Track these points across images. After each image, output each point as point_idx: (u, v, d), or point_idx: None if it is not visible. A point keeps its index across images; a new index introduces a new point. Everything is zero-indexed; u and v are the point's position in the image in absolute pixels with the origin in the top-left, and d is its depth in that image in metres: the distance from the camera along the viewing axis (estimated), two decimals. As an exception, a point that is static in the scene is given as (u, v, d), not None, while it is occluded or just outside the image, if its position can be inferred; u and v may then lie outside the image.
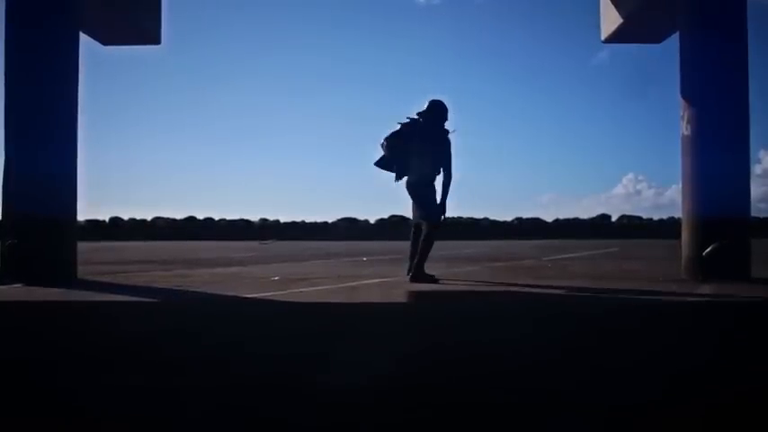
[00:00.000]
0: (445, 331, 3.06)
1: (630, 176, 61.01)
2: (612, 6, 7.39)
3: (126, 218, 41.03)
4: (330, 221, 40.85)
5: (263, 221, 40.60)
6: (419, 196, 5.69)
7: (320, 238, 30.18)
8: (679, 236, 6.18)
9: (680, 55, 6.11)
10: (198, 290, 5.09)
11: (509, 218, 41.23)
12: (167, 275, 6.74)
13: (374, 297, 4.53)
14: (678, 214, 6.50)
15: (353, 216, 41.03)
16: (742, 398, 1.77)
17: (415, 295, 4.65)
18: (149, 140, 57.96)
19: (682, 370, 2.14)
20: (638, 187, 56.65)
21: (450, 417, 1.60)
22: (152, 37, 7.81)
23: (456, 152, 5.66)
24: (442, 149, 5.67)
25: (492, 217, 40.91)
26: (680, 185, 6.13)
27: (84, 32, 6.62)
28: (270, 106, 58.92)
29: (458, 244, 17.67)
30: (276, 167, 58.90)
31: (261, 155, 60.09)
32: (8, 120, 5.84)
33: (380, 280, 5.72)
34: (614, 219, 41.14)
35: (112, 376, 2.08)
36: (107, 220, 40.06)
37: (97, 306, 4.24)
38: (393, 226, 33.77)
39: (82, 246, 6.71)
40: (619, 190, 57.66)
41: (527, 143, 57.22)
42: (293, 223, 40.34)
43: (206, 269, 7.97)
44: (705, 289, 4.84)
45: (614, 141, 56.06)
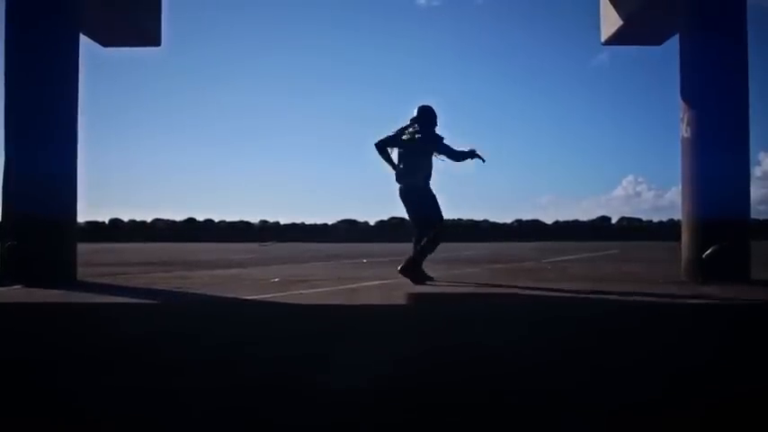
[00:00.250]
0: (445, 333, 3.06)
1: (630, 178, 61.12)
2: (612, 8, 7.40)
3: (126, 219, 41.04)
4: (330, 223, 40.87)
5: (263, 223, 40.59)
6: (416, 200, 5.64)
7: (320, 240, 30.21)
8: (679, 238, 6.19)
9: (680, 57, 6.12)
10: (198, 291, 5.09)
11: (509, 220, 41.25)
12: (167, 277, 6.74)
13: (374, 299, 4.52)
14: (678, 216, 6.52)
15: (353, 218, 41.03)
16: (742, 399, 1.77)
17: (415, 297, 4.65)
18: (149, 142, 58.06)
19: (682, 371, 2.14)
20: (637, 189, 56.72)
21: (450, 417, 1.60)
22: (152, 38, 7.81)
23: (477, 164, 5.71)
24: (433, 152, 5.65)
25: (492, 219, 40.93)
26: (680, 187, 6.14)
27: (84, 34, 6.63)
28: (270, 107, 59.00)
29: (457, 246, 17.67)
30: (276, 169, 58.98)
31: (261, 156, 60.18)
32: (8, 120, 5.85)
33: (380, 282, 5.72)
34: (614, 221, 41.13)
35: (112, 377, 2.08)
36: (107, 222, 40.05)
37: (97, 308, 4.23)
38: (393, 228, 33.77)
39: (82, 247, 6.71)
40: (618, 192, 57.77)
41: (527, 144, 57.31)
42: (293, 225, 40.33)
43: (206, 271, 7.97)
44: (705, 291, 4.84)
45: (614, 143, 56.18)
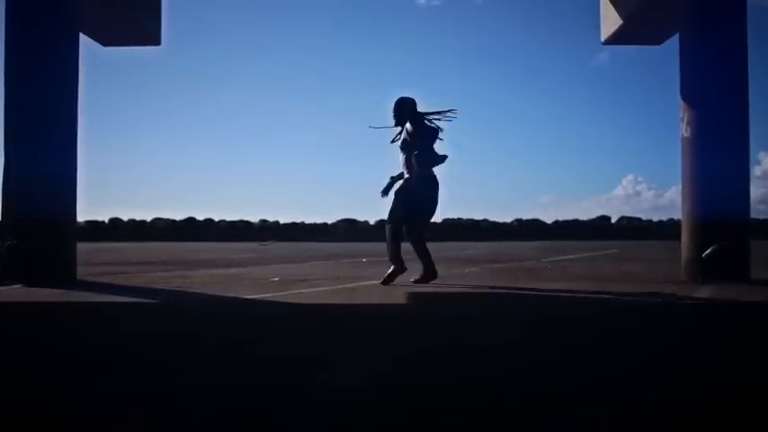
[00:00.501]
0: (445, 333, 3.06)
1: (630, 178, 61.14)
2: (612, 7, 7.40)
3: (126, 219, 41.05)
4: (330, 222, 40.88)
5: (263, 222, 40.61)
6: (416, 195, 5.45)
7: (320, 240, 30.20)
8: (678, 237, 6.19)
9: (680, 56, 6.12)
10: (198, 291, 5.09)
11: (509, 219, 41.27)
12: (167, 276, 6.74)
13: (374, 299, 4.53)
14: (678, 216, 6.52)
15: (353, 217, 41.02)
16: (742, 399, 1.77)
17: (415, 297, 4.65)
18: (149, 141, 58.05)
19: (681, 371, 2.14)
20: (637, 188, 56.76)
21: (449, 417, 1.60)
22: (152, 37, 7.81)
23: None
24: (422, 143, 5.42)
25: (491, 218, 40.95)
26: (680, 187, 6.14)
27: (84, 33, 6.63)
28: (270, 107, 59.00)
29: (457, 245, 17.68)
30: (276, 168, 59.00)
31: (261, 156, 60.17)
32: (8, 120, 5.84)
33: (380, 281, 5.71)
34: (614, 220, 41.17)
35: (112, 377, 2.08)
36: (107, 221, 40.06)
37: (97, 307, 4.24)
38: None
39: (81, 247, 6.71)
40: (618, 191, 57.81)
41: (527, 144, 57.32)
42: (293, 224, 40.34)
43: (206, 270, 7.97)
44: (705, 290, 4.84)
45: (614, 143, 56.19)
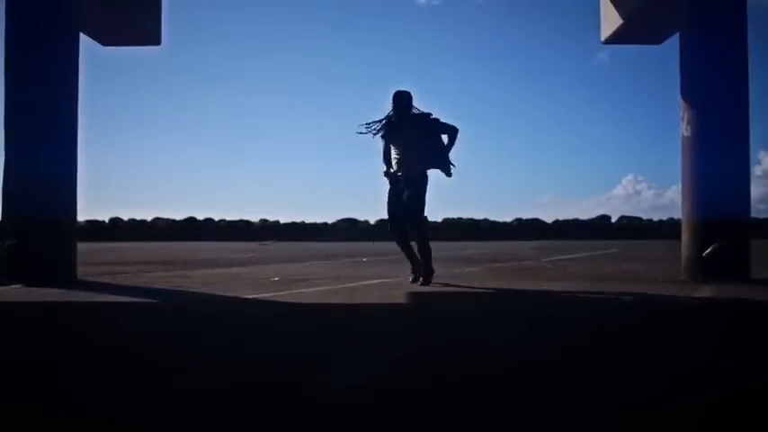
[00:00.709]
0: (445, 332, 3.06)
1: (630, 177, 61.03)
2: (612, 7, 7.40)
3: (126, 218, 40.99)
4: (330, 222, 40.84)
5: (263, 222, 40.58)
6: (414, 191, 5.41)
7: (320, 239, 30.19)
8: (679, 237, 6.18)
9: (680, 56, 6.11)
10: (198, 290, 5.09)
11: (509, 219, 41.19)
12: (167, 276, 6.74)
13: (374, 298, 4.53)
14: (678, 215, 6.51)
15: (353, 217, 40.98)
16: (742, 398, 1.77)
17: (415, 296, 4.65)
18: (149, 141, 57.91)
19: (682, 370, 2.14)
20: (637, 188, 56.71)
21: (448, 416, 1.60)
22: (152, 37, 7.81)
23: (454, 151, 5.48)
24: (428, 136, 5.47)
25: (492, 218, 40.89)
26: (680, 186, 6.14)
27: (84, 33, 6.62)
28: (270, 107, 58.89)
29: (457, 245, 17.68)
30: (276, 168, 58.89)
31: (261, 155, 60.08)
32: (8, 120, 5.84)
33: (380, 281, 5.72)
34: (614, 220, 41.09)
35: (112, 377, 2.08)
36: (107, 221, 40.05)
37: (97, 307, 4.24)
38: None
39: (81, 246, 6.71)
40: (618, 191, 57.74)
41: (527, 144, 57.22)
42: (293, 224, 40.31)
43: (206, 270, 7.97)
44: (705, 290, 4.84)
45: (614, 142, 56.08)
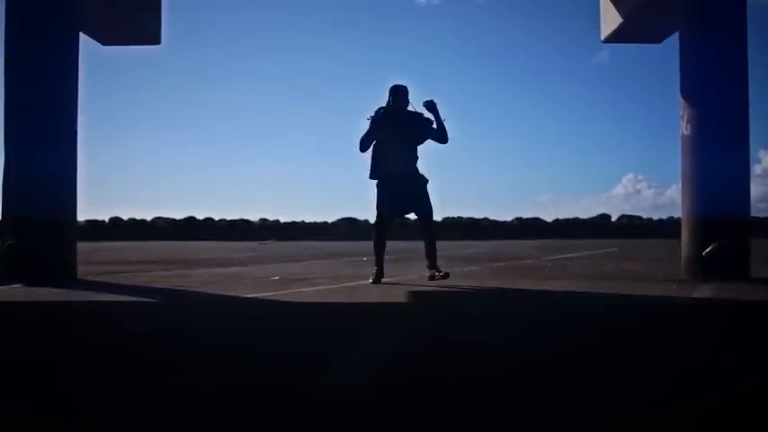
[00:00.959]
0: (445, 331, 3.06)
1: (630, 176, 60.97)
2: (612, 6, 7.39)
3: (126, 218, 40.96)
4: (330, 221, 40.82)
5: (263, 221, 40.56)
6: (416, 188, 5.45)
7: (320, 238, 30.17)
8: (679, 236, 6.18)
9: (680, 55, 6.11)
10: (198, 290, 5.09)
11: (509, 218, 41.13)
12: (167, 275, 6.74)
13: (373, 297, 4.53)
14: (678, 214, 6.51)
15: (353, 216, 40.94)
16: (742, 397, 1.77)
17: (415, 295, 4.66)
18: (149, 141, 57.80)
19: (682, 370, 2.14)
20: (637, 187, 56.63)
21: (448, 415, 1.60)
22: (152, 37, 7.81)
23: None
24: (421, 132, 5.45)
25: (492, 217, 40.84)
26: (680, 185, 6.13)
27: (84, 32, 6.62)
28: (270, 106, 58.80)
29: (457, 244, 17.67)
30: (276, 167, 58.78)
31: (261, 155, 59.98)
32: (8, 120, 5.84)
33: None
34: (614, 219, 41.02)
35: (112, 376, 2.08)
36: (107, 221, 40.03)
37: (97, 306, 4.24)
38: (393, 226, 33.67)
39: (82, 246, 6.71)
40: (618, 190, 57.61)
41: (527, 143, 57.12)
42: (293, 223, 40.30)
43: (206, 269, 7.97)
44: (705, 289, 4.84)
45: (614, 141, 55.96)
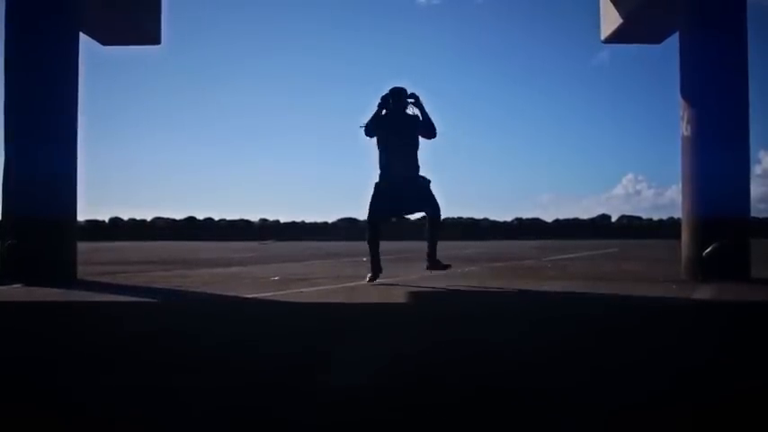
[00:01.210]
0: (445, 331, 3.06)
1: (630, 177, 60.90)
2: (612, 6, 7.39)
3: (126, 218, 40.96)
4: (330, 222, 40.82)
5: (263, 222, 40.56)
6: (418, 190, 5.49)
7: (320, 239, 30.17)
8: (679, 236, 6.18)
9: (680, 55, 6.11)
10: (198, 290, 5.09)
11: (509, 218, 41.14)
12: (167, 276, 6.74)
13: (373, 297, 4.53)
14: (678, 214, 6.51)
15: (353, 216, 40.92)
16: (742, 398, 1.77)
17: (415, 295, 4.66)
18: (149, 141, 57.82)
19: (682, 370, 2.14)
20: (637, 187, 56.66)
21: (448, 415, 1.60)
22: (152, 37, 7.81)
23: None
24: (415, 133, 5.50)
25: (492, 217, 40.83)
26: (680, 186, 6.14)
27: (84, 33, 6.62)
28: (270, 106, 58.92)
29: (457, 244, 17.65)
30: (276, 167, 58.79)
31: (261, 155, 60.00)
32: (8, 120, 5.84)
33: (380, 280, 5.71)
34: (614, 219, 41.03)
35: (112, 376, 2.08)
36: (107, 221, 40.03)
37: (97, 306, 4.24)
38: (392, 226, 33.68)
39: (82, 246, 6.71)
40: (618, 190, 57.69)
41: (527, 143, 57.14)
42: (293, 223, 40.30)
43: (206, 269, 7.97)
44: (705, 289, 4.84)
45: (614, 142, 55.99)
